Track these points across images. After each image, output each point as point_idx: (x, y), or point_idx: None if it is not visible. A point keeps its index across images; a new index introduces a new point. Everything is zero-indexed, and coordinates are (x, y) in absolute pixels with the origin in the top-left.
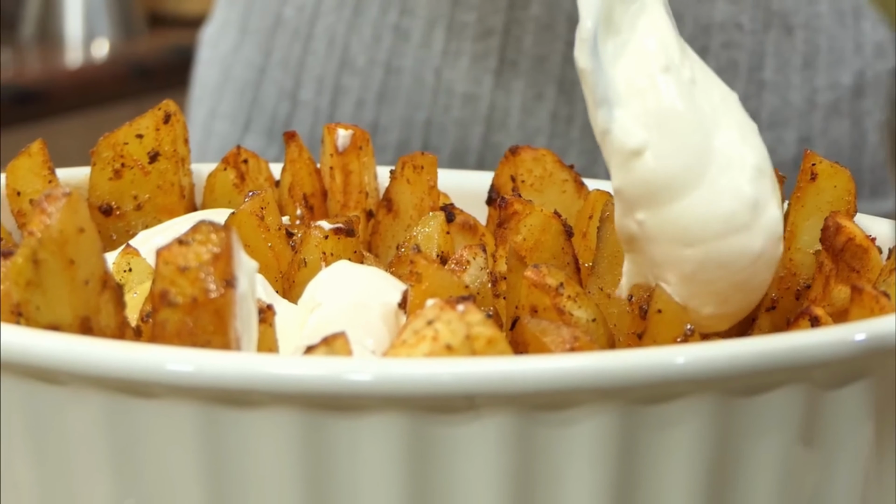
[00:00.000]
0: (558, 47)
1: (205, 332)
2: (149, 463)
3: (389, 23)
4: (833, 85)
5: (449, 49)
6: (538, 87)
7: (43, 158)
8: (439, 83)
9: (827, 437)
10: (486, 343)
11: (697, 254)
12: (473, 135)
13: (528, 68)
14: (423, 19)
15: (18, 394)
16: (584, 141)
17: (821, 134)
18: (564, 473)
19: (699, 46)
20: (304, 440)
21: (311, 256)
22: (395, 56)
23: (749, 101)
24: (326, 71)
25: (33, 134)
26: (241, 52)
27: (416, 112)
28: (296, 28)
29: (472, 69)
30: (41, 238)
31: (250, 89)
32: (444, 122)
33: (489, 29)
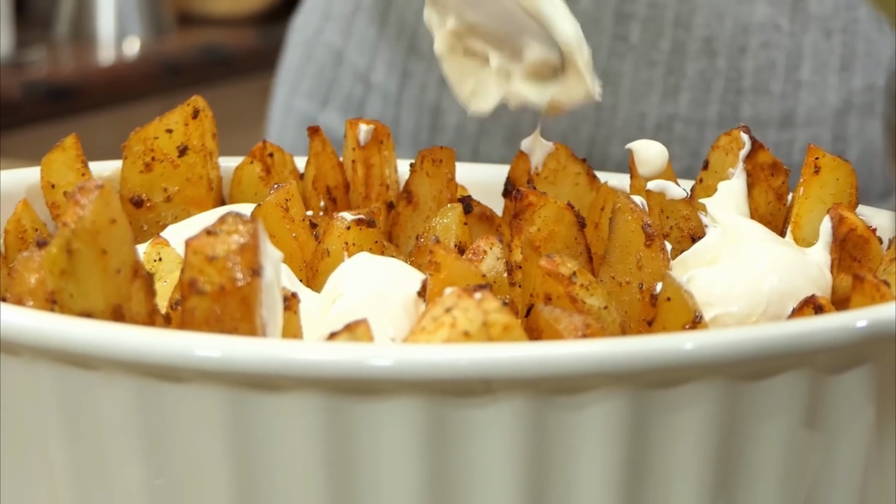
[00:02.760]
0: (604, 40)
1: (232, 319)
2: (178, 445)
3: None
4: (869, 87)
5: None
6: None
7: (76, 152)
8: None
9: (829, 420)
10: (502, 330)
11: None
12: (524, 119)
13: None
14: None
15: (53, 378)
16: (627, 131)
17: (856, 134)
18: (577, 455)
19: (738, 46)
20: (328, 423)
21: (333, 246)
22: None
23: (786, 100)
24: (396, 55)
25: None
26: (323, 36)
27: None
28: (372, 14)
29: None
30: (75, 229)
31: (329, 70)
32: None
33: None
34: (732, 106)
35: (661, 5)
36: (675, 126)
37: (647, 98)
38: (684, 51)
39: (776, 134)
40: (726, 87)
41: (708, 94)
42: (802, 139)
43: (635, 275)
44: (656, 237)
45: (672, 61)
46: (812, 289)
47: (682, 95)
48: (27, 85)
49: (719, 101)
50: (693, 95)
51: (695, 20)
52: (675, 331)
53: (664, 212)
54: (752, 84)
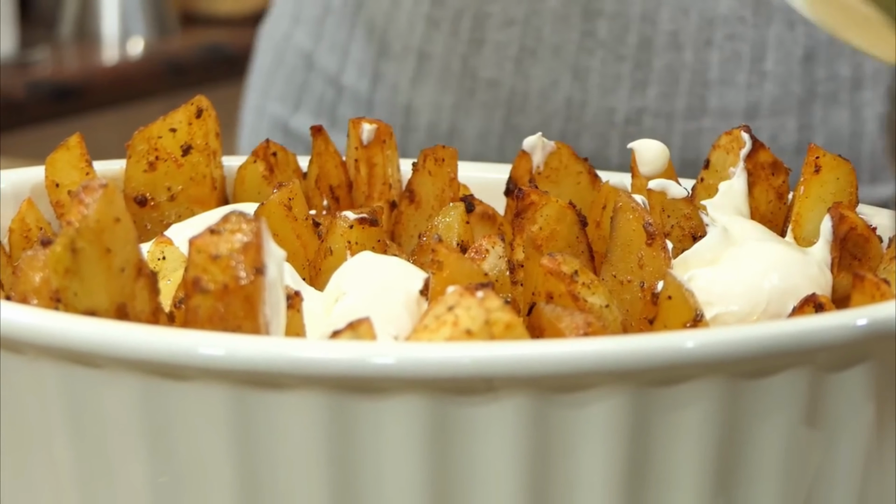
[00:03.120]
0: (572, 37)
1: (235, 317)
2: (182, 442)
3: (422, 12)
4: (832, 76)
5: (474, 37)
6: (554, 74)
7: (80, 151)
8: (465, 69)
9: (830, 418)
10: (504, 328)
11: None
12: (496, 118)
13: (545, 56)
14: (452, 9)
15: (57, 377)
16: (597, 125)
17: (821, 123)
18: (579, 452)
19: (704, 39)
20: (330, 421)
21: (336, 245)
22: (425, 43)
23: (752, 91)
24: (366, 57)
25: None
26: (293, 40)
27: (444, 96)
28: (342, 16)
29: (495, 56)
30: (79, 227)
31: (300, 74)
32: (470, 105)
33: (511, 19)
34: (700, 98)
35: (627, 1)
36: (644, 119)
37: (616, 92)
38: (651, 45)
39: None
40: (693, 80)
41: (675, 86)
42: (768, 129)
43: (636, 273)
44: (657, 236)
45: (639, 55)
46: (812, 288)
47: (650, 89)
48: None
49: (686, 94)
50: (661, 88)
51: (660, 15)
52: (676, 329)
53: (665, 211)
54: (718, 76)
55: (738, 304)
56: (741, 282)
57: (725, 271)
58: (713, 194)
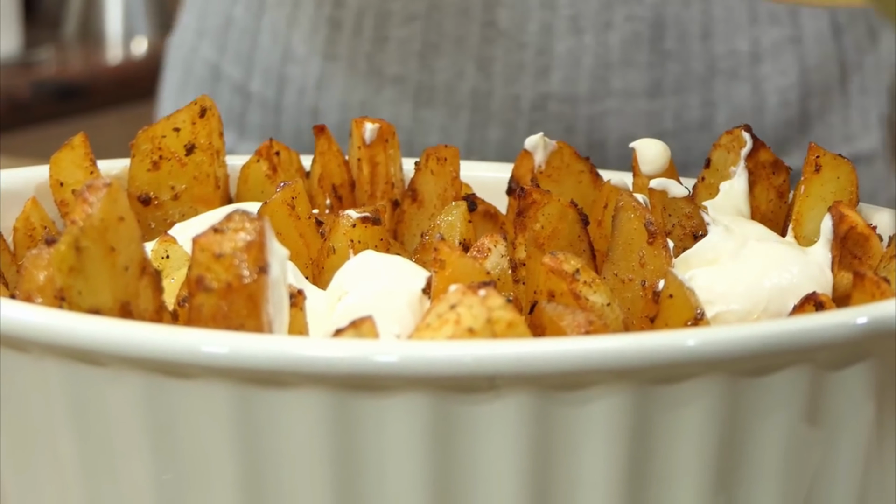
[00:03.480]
0: (474, 28)
1: (239, 315)
2: (185, 440)
3: (324, 15)
4: (731, 52)
5: (378, 35)
6: (458, 66)
7: (85, 151)
8: (370, 67)
9: (830, 415)
10: (506, 326)
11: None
12: (403, 113)
13: (448, 49)
14: (353, 10)
15: (61, 375)
16: (503, 113)
17: (723, 98)
18: (580, 450)
19: (603, 21)
20: (333, 419)
21: (339, 244)
22: (329, 45)
23: (654, 70)
24: (271, 63)
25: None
26: (199, 52)
27: (351, 95)
28: (244, 26)
29: (399, 52)
30: (83, 226)
31: (207, 85)
32: (377, 102)
33: (412, 15)
34: (602, 80)
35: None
36: (549, 104)
37: (520, 80)
38: (552, 30)
39: (646, 103)
40: (595, 63)
41: (578, 70)
42: (672, 107)
43: (638, 272)
44: (658, 235)
45: (541, 42)
46: (813, 287)
47: (553, 74)
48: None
49: (589, 77)
50: (564, 73)
51: (559, 1)
52: (677, 327)
53: (666, 210)
54: (619, 57)
55: (739, 303)
56: (742, 281)
57: (726, 271)
58: (714, 193)
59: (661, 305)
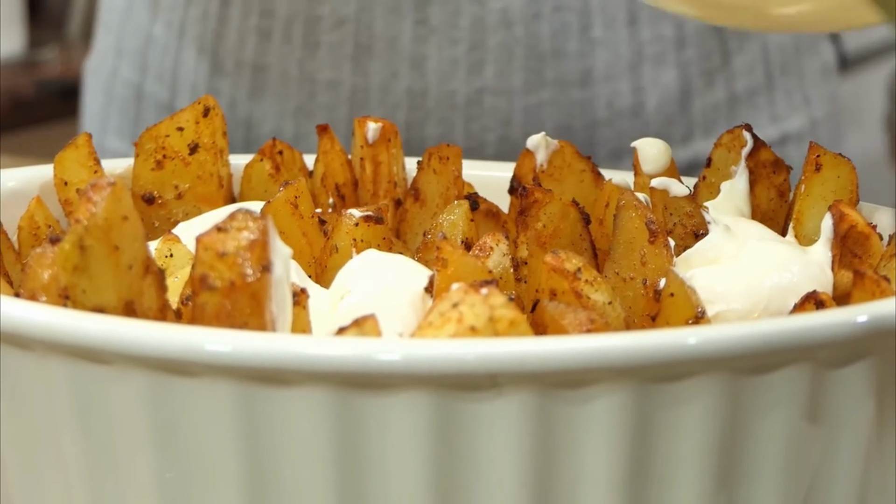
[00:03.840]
0: (406, 27)
1: (242, 314)
2: (189, 438)
3: (251, 26)
4: (658, 37)
5: (308, 42)
6: (392, 66)
7: (89, 150)
8: (303, 74)
9: (830, 413)
10: (508, 325)
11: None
12: (339, 117)
13: (381, 50)
14: (281, 19)
15: (65, 373)
16: (439, 110)
17: (652, 83)
18: (582, 448)
19: (532, 13)
20: (336, 417)
21: (342, 243)
22: (259, 55)
23: (584, 59)
24: (198, 78)
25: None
26: (119, 73)
27: (285, 103)
28: (166, 44)
29: (331, 57)
30: (87, 225)
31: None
32: (312, 108)
33: (342, 18)
34: (535, 71)
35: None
36: (485, 99)
37: (455, 76)
38: (483, 25)
39: (579, 92)
40: (527, 55)
41: (511, 63)
42: (604, 95)
43: (639, 271)
44: (660, 233)
45: (473, 37)
46: (813, 286)
47: (486, 68)
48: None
49: (522, 69)
50: (497, 67)
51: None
52: (678, 326)
53: (667, 209)
54: (550, 48)
55: (740, 302)
56: (742, 280)
57: (726, 270)
58: (715, 192)
59: (662, 304)
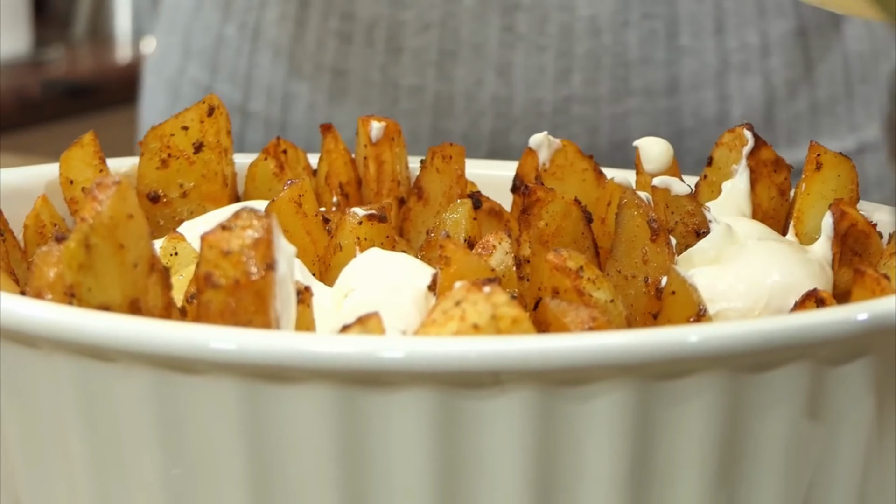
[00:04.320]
0: (493, 34)
1: (246, 312)
2: (193, 435)
3: (332, 29)
4: (743, 46)
5: (391, 47)
6: (478, 73)
7: (94, 149)
8: (385, 79)
9: (831, 411)
10: (510, 322)
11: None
12: (422, 123)
13: (466, 57)
14: (363, 23)
15: (71, 370)
16: (525, 118)
17: (738, 92)
18: (584, 445)
19: (620, 21)
20: (340, 414)
21: (346, 241)
22: (340, 59)
23: (671, 67)
24: (274, 80)
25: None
26: (187, 73)
27: (366, 108)
28: (239, 44)
29: (414, 63)
30: (93, 224)
31: None
32: (394, 114)
33: (427, 24)
34: (622, 79)
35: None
36: (572, 107)
37: (541, 83)
38: (571, 32)
39: (666, 101)
40: (614, 63)
41: (598, 71)
42: (690, 103)
43: (641, 269)
44: (661, 232)
45: (560, 44)
46: (813, 284)
47: (574, 76)
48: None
49: (609, 77)
50: (584, 75)
51: (578, 1)
52: (679, 324)
53: (669, 207)
54: (637, 56)
55: (740, 300)
56: (743, 279)
57: (727, 269)
58: (716, 191)
59: (663, 302)
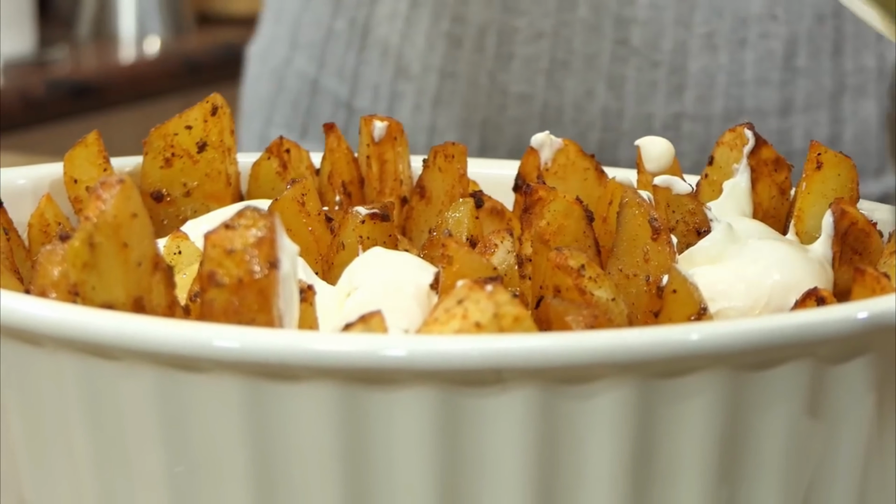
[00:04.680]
0: (606, 46)
1: (250, 310)
2: (197, 433)
3: (442, 31)
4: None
5: (501, 52)
6: (588, 84)
7: (98, 148)
8: (494, 85)
9: (831, 409)
10: (512, 321)
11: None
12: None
13: (578, 67)
14: (475, 26)
15: (75, 369)
16: (634, 133)
17: (851, 115)
18: (585, 443)
19: (738, 39)
20: (343, 412)
21: (348, 240)
22: (448, 62)
23: (785, 88)
24: (382, 79)
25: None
26: (293, 64)
27: (472, 113)
28: (348, 40)
29: (525, 71)
30: (97, 223)
31: (304, 99)
32: (500, 121)
33: (540, 32)
34: (736, 99)
35: (660, 6)
36: (682, 124)
37: (653, 99)
38: (686, 49)
39: (777, 122)
40: (729, 81)
41: (712, 89)
42: (802, 125)
43: (642, 267)
44: (663, 231)
45: (674, 60)
46: (814, 283)
47: (686, 93)
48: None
49: (723, 96)
50: (698, 92)
51: (695, 17)
52: (680, 322)
53: (670, 206)
54: (753, 75)
55: (741, 300)
56: (744, 279)
57: (728, 269)
58: (717, 190)
59: (664, 300)
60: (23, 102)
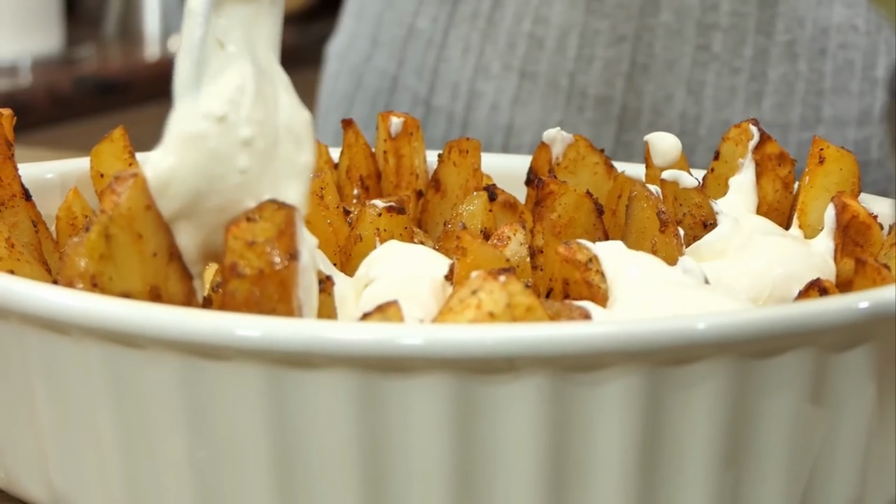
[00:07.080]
0: (687, 51)
1: (270, 300)
2: (219, 419)
3: (524, 31)
4: None
5: (582, 54)
6: (668, 88)
7: (124, 144)
8: (573, 86)
9: (833, 396)
10: (525, 310)
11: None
12: (606, 134)
13: (658, 71)
14: (557, 27)
15: (101, 357)
16: (711, 138)
17: None
18: (595, 428)
19: (818, 48)
20: (361, 398)
21: (366, 232)
22: (529, 62)
23: (864, 98)
24: (461, 77)
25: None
26: (373, 62)
27: (550, 114)
28: (429, 38)
29: (605, 73)
30: (111, 215)
31: (383, 96)
32: (578, 123)
33: (621, 35)
34: (814, 108)
35: (743, 14)
36: None
37: (731, 105)
38: (767, 56)
39: (855, 132)
40: (807, 90)
41: (791, 97)
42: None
43: None
44: (670, 223)
45: (755, 67)
46: (816, 275)
47: (765, 100)
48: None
49: (801, 104)
50: (776, 100)
51: (776, 26)
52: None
53: (677, 200)
54: (832, 85)
55: (745, 292)
56: (748, 272)
57: (733, 263)
58: (723, 184)
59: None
60: (51, 99)
